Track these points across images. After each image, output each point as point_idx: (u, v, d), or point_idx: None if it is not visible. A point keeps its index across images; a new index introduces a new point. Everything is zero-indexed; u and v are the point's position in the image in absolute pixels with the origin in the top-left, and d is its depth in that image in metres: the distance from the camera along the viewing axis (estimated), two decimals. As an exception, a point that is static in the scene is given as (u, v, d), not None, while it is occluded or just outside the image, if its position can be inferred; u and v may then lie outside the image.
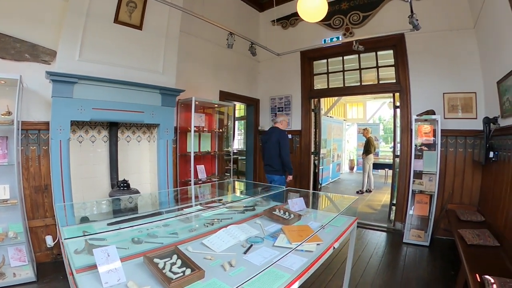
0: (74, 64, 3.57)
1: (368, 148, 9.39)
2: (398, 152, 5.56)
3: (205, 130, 5.61)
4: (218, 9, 5.87)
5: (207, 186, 4.94)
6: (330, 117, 12.38)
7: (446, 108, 4.94)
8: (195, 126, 5.13)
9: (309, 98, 6.74)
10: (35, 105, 3.62)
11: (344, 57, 6.32)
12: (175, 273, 1.48)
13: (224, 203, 2.98)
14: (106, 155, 4.29)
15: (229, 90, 6.41)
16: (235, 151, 9.29)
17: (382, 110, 15.68)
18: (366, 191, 9.29)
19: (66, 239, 1.67)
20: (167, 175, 4.64)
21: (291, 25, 6.79)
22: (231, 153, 6.23)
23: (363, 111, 16.21)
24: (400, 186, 5.43)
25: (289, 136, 5.56)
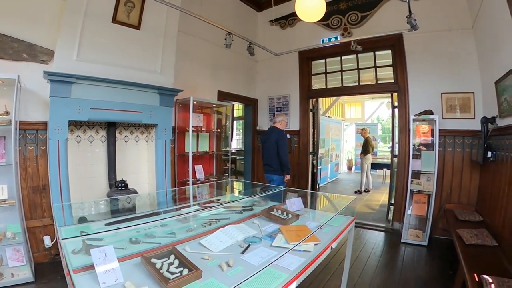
0: (72, 64, 3.57)
1: (366, 148, 9.41)
2: (396, 152, 5.57)
3: (203, 130, 5.62)
4: (216, 9, 5.86)
5: (205, 186, 4.95)
6: (329, 117, 12.39)
7: (444, 108, 4.95)
8: (193, 126, 5.12)
9: (307, 98, 6.74)
10: (33, 105, 3.61)
11: (342, 57, 6.33)
12: (173, 273, 1.48)
13: (222, 203, 2.97)
14: (104, 155, 4.28)
15: (227, 90, 6.40)
16: (233, 151, 9.28)
17: (381, 110, 15.70)
18: (365, 191, 9.32)
19: (64, 239, 1.67)
20: (165, 175, 4.63)
21: (289, 25, 6.79)
22: (229, 153, 6.23)
23: (362, 111, 16.24)
24: (398, 186, 5.44)
25: (288, 136, 5.56)
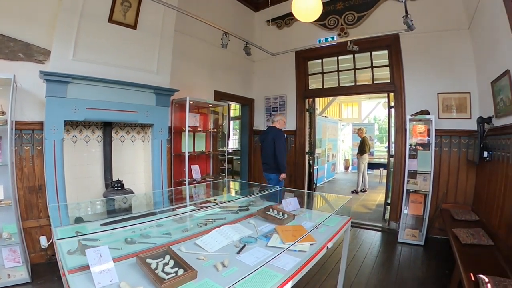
0: (68, 64, 3.55)
1: (363, 148, 9.43)
2: (393, 152, 5.59)
3: (200, 130, 5.61)
4: (213, 9, 5.85)
5: (202, 186, 4.94)
6: (325, 117, 12.41)
7: (441, 108, 4.97)
8: (190, 126, 5.12)
9: (304, 98, 6.75)
10: (29, 105, 3.59)
11: (339, 57, 6.34)
12: (168, 274, 1.48)
13: (218, 203, 2.97)
14: (100, 155, 4.27)
15: (224, 90, 6.39)
16: (230, 151, 9.30)
17: (377, 110, 15.77)
18: (361, 191, 9.34)
19: (59, 240, 1.66)
20: (162, 175, 4.62)
21: (286, 25, 6.79)
22: (226, 153, 6.22)
23: (358, 111, 16.28)
24: (395, 186, 5.46)
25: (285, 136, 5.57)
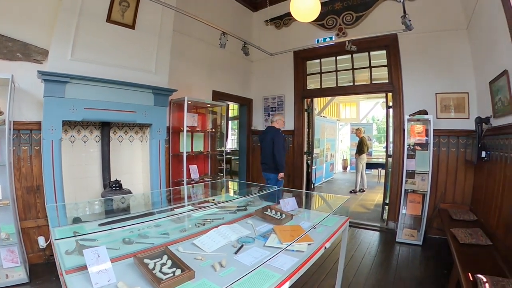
0: (66, 64, 3.55)
1: (361, 148, 9.44)
2: (391, 152, 5.59)
3: (198, 130, 5.61)
4: (211, 9, 5.84)
5: (200, 186, 4.94)
6: (324, 117, 12.41)
7: (439, 108, 4.98)
8: (188, 126, 5.11)
9: (302, 98, 6.75)
10: (27, 105, 3.59)
11: (337, 57, 6.34)
12: (165, 274, 1.48)
13: (216, 203, 2.97)
14: (98, 155, 4.26)
15: (222, 90, 6.39)
16: (228, 151, 9.30)
17: (376, 110, 15.80)
18: (359, 191, 9.34)
19: (57, 240, 1.66)
20: (160, 175, 4.61)
21: (285, 25, 6.80)
22: (224, 153, 6.22)
23: (357, 111, 16.31)
24: (393, 186, 5.46)
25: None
